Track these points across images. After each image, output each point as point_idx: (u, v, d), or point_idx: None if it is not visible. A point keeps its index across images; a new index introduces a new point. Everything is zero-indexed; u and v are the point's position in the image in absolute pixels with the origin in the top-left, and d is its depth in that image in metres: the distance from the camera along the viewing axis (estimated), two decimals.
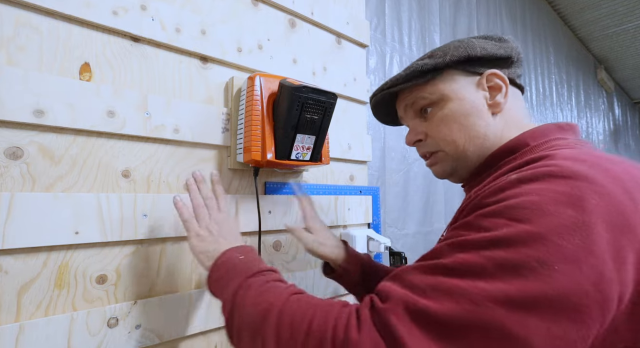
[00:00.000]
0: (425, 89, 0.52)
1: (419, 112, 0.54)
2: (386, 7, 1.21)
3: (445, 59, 0.50)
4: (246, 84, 0.72)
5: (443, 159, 0.53)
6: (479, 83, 0.50)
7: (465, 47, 0.50)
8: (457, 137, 0.50)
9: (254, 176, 0.75)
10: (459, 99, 0.50)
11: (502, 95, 0.50)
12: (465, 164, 0.51)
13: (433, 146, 0.53)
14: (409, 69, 0.52)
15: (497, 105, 0.50)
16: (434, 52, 0.52)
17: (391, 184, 1.17)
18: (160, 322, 0.63)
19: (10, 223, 0.50)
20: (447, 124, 0.51)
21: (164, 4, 0.67)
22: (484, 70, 0.50)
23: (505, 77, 0.50)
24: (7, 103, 0.51)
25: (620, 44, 3.27)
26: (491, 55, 0.50)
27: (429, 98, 0.52)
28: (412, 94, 0.54)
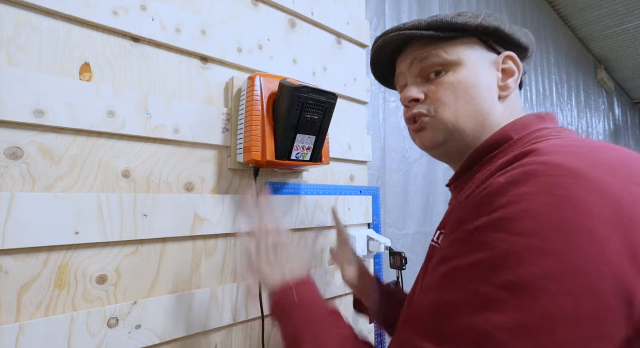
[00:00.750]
0: (444, 46, 0.47)
1: (425, 71, 0.49)
2: (386, 7, 1.21)
3: (477, 21, 0.46)
4: (246, 84, 0.72)
5: (436, 126, 0.48)
6: (495, 61, 0.48)
7: (497, 18, 0.47)
8: (460, 106, 0.46)
9: (254, 176, 0.75)
10: (474, 69, 0.47)
11: (514, 79, 0.47)
12: (459, 138, 0.47)
13: (430, 110, 0.48)
14: (433, 17, 0.47)
15: (507, 88, 0.47)
16: (462, 12, 0.48)
17: (391, 184, 1.17)
18: (160, 322, 0.63)
19: (10, 223, 0.50)
20: (455, 91, 0.46)
21: (164, 4, 0.67)
22: (502, 50, 0.48)
23: (520, 63, 0.48)
24: (7, 103, 0.51)
25: (620, 44, 3.27)
26: (515, 39, 0.48)
27: (445, 58, 0.47)
28: (427, 48, 0.48)
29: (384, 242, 0.94)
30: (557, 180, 0.30)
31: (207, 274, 0.70)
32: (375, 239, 0.95)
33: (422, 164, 1.30)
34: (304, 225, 0.86)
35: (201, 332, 0.68)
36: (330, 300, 0.92)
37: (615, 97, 4.18)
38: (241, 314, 0.74)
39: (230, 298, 0.72)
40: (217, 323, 0.70)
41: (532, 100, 2.28)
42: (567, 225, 0.28)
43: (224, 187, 0.74)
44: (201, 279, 0.70)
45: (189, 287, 0.68)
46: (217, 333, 0.71)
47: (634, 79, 4.15)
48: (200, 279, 0.70)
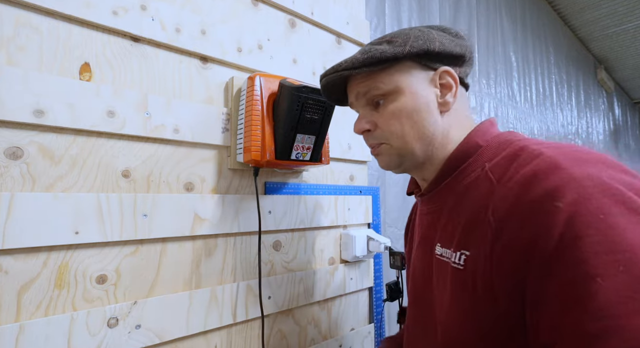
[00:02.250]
0: (381, 77, 0.50)
1: (371, 101, 0.52)
2: (386, 7, 1.21)
3: (405, 48, 0.48)
4: (246, 84, 0.72)
5: (389, 151, 0.52)
6: (432, 79, 0.50)
7: (425, 39, 0.49)
8: (406, 132, 0.50)
9: (254, 176, 0.75)
10: (412, 93, 0.49)
11: (451, 94, 0.50)
12: (412, 158, 0.51)
13: (381, 138, 0.52)
14: (366, 53, 0.49)
15: (446, 104, 0.50)
16: (393, 38, 0.50)
17: (391, 184, 1.17)
18: (160, 322, 0.63)
19: (10, 223, 0.50)
20: (398, 118, 0.50)
21: (164, 4, 0.67)
22: (438, 66, 0.50)
23: (456, 76, 0.50)
24: (7, 103, 0.51)
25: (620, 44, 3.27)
26: (447, 52, 0.49)
27: (383, 88, 0.50)
28: (366, 82, 0.51)
29: (384, 242, 0.94)
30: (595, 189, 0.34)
31: (207, 274, 0.70)
32: (375, 239, 0.95)
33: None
34: (304, 225, 0.86)
35: (201, 332, 0.68)
36: (330, 299, 0.92)
37: (615, 97, 4.18)
38: (241, 314, 0.74)
39: (230, 298, 0.72)
40: (217, 323, 0.70)
41: (532, 100, 2.28)
42: None
43: (224, 187, 0.74)
44: (201, 279, 0.70)
45: (189, 287, 0.68)
46: (217, 333, 0.71)
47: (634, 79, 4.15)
48: (200, 279, 0.70)
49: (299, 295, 0.84)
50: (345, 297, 0.97)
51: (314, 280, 0.88)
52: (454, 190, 0.48)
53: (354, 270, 0.98)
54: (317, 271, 0.89)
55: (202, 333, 0.69)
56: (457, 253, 0.44)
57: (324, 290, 0.90)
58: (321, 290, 0.89)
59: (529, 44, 2.29)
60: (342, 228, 0.97)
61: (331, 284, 0.92)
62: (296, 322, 0.85)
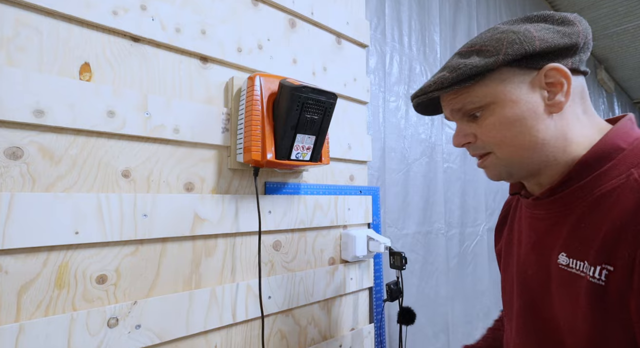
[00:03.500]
0: (474, 91, 0.46)
1: (467, 115, 0.49)
2: (386, 7, 1.21)
3: (499, 58, 0.43)
4: (246, 84, 0.72)
5: (495, 163, 0.49)
6: (536, 80, 0.44)
7: (521, 41, 0.43)
8: (510, 142, 0.45)
9: (254, 176, 0.75)
10: (512, 102, 0.45)
11: (563, 93, 0.44)
12: (523, 167, 0.47)
13: (484, 148, 0.49)
14: (455, 70, 0.46)
15: (558, 104, 0.44)
16: (483, 46, 0.45)
17: (391, 184, 1.17)
18: (160, 322, 0.63)
19: (10, 223, 0.50)
20: (499, 130, 0.46)
21: (164, 4, 0.67)
22: (543, 65, 0.44)
23: (567, 72, 0.43)
24: (7, 103, 0.51)
25: (620, 44, 3.27)
26: (553, 48, 0.43)
27: (478, 102, 0.46)
28: (459, 98, 0.48)
29: (384, 242, 0.94)
30: None
31: (207, 274, 0.70)
32: (375, 239, 0.95)
33: (422, 164, 1.30)
34: (304, 225, 0.86)
35: (201, 332, 0.68)
36: (330, 299, 0.92)
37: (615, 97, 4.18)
38: (241, 314, 0.74)
39: (230, 298, 0.72)
40: (217, 323, 0.70)
41: None
42: None
43: (224, 187, 0.74)
44: (201, 279, 0.70)
45: (189, 287, 0.68)
46: (217, 333, 0.71)
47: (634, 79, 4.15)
48: (200, 279, 0.70)
49: (299, 295, 0.84)
50: (345, 297, 0.97)
51: (314, 280, 0.88)
52: (586, 197, 0.43)
53: (354, 270, 0.98)
54: (317, 271, 0.89)
55: (202, 333, 0.69)
56: (596, 267, 0.40)
57: (324, 290, 0.90)
58: (321, 290, 0.89)
59: None
60: (342, 228, 0.97)
61: (331, 284, 0.92)
62: (296, 322, 0.85)
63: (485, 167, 0.51)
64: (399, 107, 1.25)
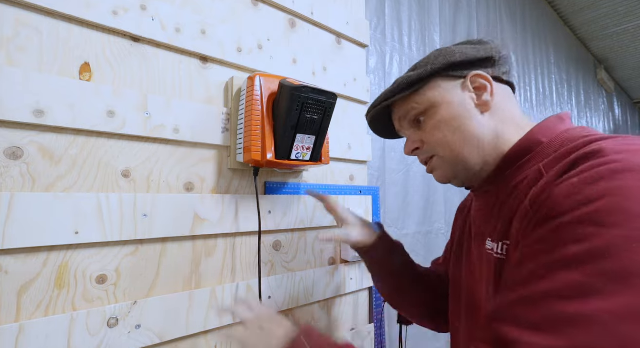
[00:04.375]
0: (414, 99, 0.54)
1: (413, 122, 0.57)
2: (386, 7, 1.21)
3: (427, 68, 0.52)
4: (246, 84, 0.72)
5: (441, 164, 0.55)
6: (464, 86, 0.52)
7: (444, 55, 0.53)
8: (451, 140, 0.52)
9: (254, 176, 0.75)
10: (447, 103, 0.52)
11: (488, 93, 0.51)
12: (465, 166, 0.52)
13: (430, 152, 0.55)
14: (395, 83, 0.55)
15: (485, 103, 0.51)
16: (417, 65, 0.56)
17: (391, 184, 1.17)
18: (160, 322, 0.63)
19: (10, 223, 0.50)
20: (440, 129, 0.52)
21: (164, 4, 0.67)
22: (467, 73, 0.52)
23: (488, 76, 0.51)
24: (7, 103, 0.51)
25: (620, 44, 3.27)
26: (471, 58, 0.52)
27: (418, 107, 0.54)
28: (404, 106, 0.56)
29: None
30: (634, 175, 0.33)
31: (207, 274, 0.70)
32: None
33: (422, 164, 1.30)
34: (304, 225, 0.86)
35: (201, 332, 0.68)
36: (330, 299, 0.92)
37: (615, 97, 4.18)
38: None
39: (231, 298, 0.72)
40: (217, 323, 0.70)
41: (532, 100, 2.27)
42: None
43: (224, 187, 0.74)
44: (201, 279, 0.70)
45: (189, 287, 0.68)
46: (217, 333, 0.71)
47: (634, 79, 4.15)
48: (200, 279, 0.70)
49: (299, 295, 0.84)
50: (345, 297, 0.97)
51: (314, 280, 0.88)
52: (507, 187, 0.49)
53: (354, 270, 0.98)
54: (317, 271, 0.89)
55: (202, 333, 0.69)
56: (499, 243, 0.47)
57: (324, 290, 0.90)
58: (321, 290, 0.89)
59: (529, 44, 2.29)
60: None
61: (331, 284, 0.92)
62: (296, 322, 0.85)
63: (433, 170, 0.57)
64: None
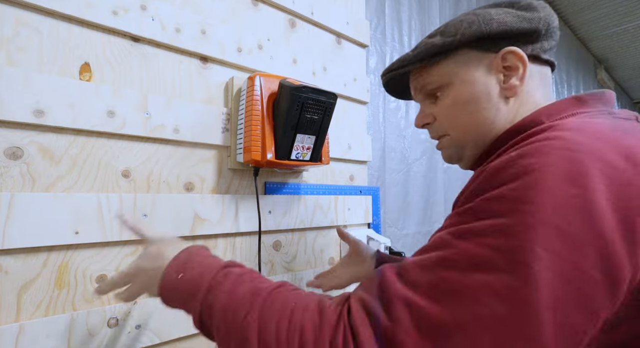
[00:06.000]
0: (434, 71, 0.49)
1: (429, 95, 0.51)
2: (386, 7, 1.21)
3: (456, 38, 0.45)
4: (246, 84, 0.72)
5: (449, 144, 0.51)
6: (494, 63, 0.45)
7: (480, 22, 0.44)
8: (463, 122, 0.47)
9: (254, 176, 0.75)
10: (469, 83, 0.46)
11: (517, 77, 0.44)
12: (472, 150, 0.49)
13: (441, 130, 0.51)
14: (417, 48, 0.49)
15: (512, 88, 0.45)
16: (446, 28, 0.48)
17: (391, 184, 1.17)
18: (160, 322, 0.63)
19: (10, 223, 0.50)
20: (455, 109, 0.48)
21: (164, 4, 0.67)
22: (501, 47, 0.44)
23: (524, 56, 0.44)
24: (7, 103, 0.51)
25: (620, 44, 3.27)
26: (512, 30, 0.44)
27: (437, 82, 0.49)
28: (422, 77, 0.50)
29: (384, 242, 0.94)
30: (564, 153, 0.31)
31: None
32: (375, 239, 0.95)
33: (422, 164, 1.30)
34: (304, 225, 0.86)
35: None
36: None
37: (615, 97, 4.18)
38: None
39: None
40: None
41: None
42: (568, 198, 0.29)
43: (224, 187, 0.74)
44: None
45: None
46: None
47: (634, 79, 4.15)
48: None
49: None
50: None
51: None
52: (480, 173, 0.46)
53: None
54: (317, 271, 0.89)
55: None
56: None
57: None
58: (321, 290, 0.89)
59: None
60: (342, 228, 0.97)
61: None
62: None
63: (442, 148, 0.53)
64: (399, 107, 1.25)
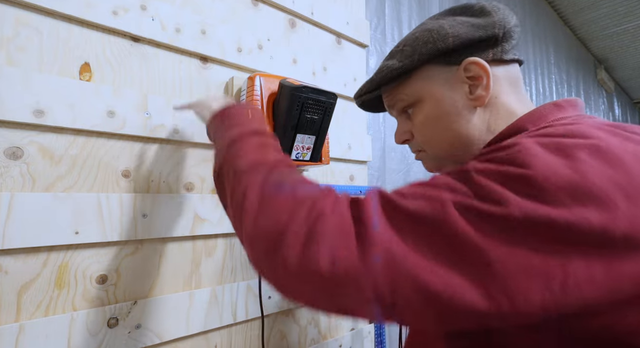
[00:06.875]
0: (402, 90, 0.49)
1: (401, 112, 0.51)
2: (386, 7, 1.21)
3: (414, 58, 0.45)
4: (246, 84, 0.72)
5: (427, 158, 0.52)
6: (457, 75, 0.45)
7: (435, 40, 0.44)
8: (437, 138, 0.48)
9: None
10: (436, 99, 0.46)
11: (482, 87, 0.44)
12: (453, 160, 0.49)
13: (418, 145, 0.52)
14: (380, 72, 0.49)
15: (479, 98, 0.44)
16: (405, 46, 0.47)
17: (391, 184, 1.17)
18: (160, 322, 0.63)
19: (10, 223, 0.50)
20: (427, 126, 0.48)
21: (164, 4, 0.67)
22: (462, 59, 0.44)
23: (485, 65, 0.43)
24: (7, 103, 0.51)
25: (620, 44, 3.27)
26: (467, 42, 0.43)
27: (406, 100, 0.49)
28: (392, 95, 0.51)
29: None
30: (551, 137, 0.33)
31: (207, 274, 0.70)
32: None
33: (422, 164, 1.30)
34: None
35: (201, 332, 0.68)
36: None
37: (615, 97, 4.18)
38: (241, 314, 0.74)
39: (230, 298, 0.72)
40: (217, 323, 0.70)
41: (532, 100, 2.28)
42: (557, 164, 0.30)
43: None
44: (201, 279, 0.70)
45: (189, 287, 0.68)
46: (217, 333, 0.71)
47: (634, 79, 4.15)
48: (200, 279, 0.70)
49: None
50: None
51: None
52: None
53: None
54: None
55: (202, 333, 0.69)
56: None
57: None
58: None
59: (529, 44, 2.29)
60: None
61: None
62: (296, 322, 0.85)
63: (421, 160, 0.54)
64: None
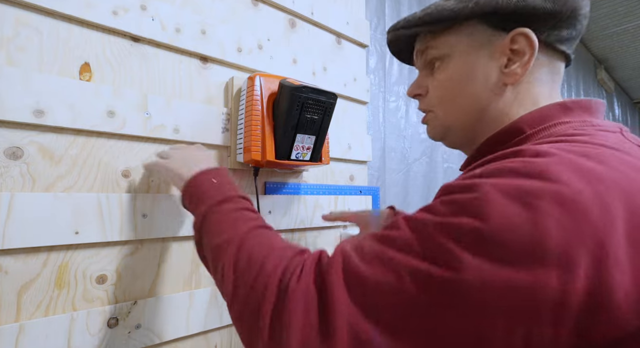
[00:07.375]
0: (439, 37, 0.45)
1: (428, 63, 0.47)
2: (386, 7, 1.21)
3: (469, 4, 0.40)
4: (246, 84, 0.72)
5: (433, 122, 0.49)
6: (502, 43, 0.41)
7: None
8: (453, 103, 0.44)
9: (254, 176, 0.75)
10: (468, 60, 0.42)
11: (520, 64, 0.40)
12: (456, 133, 0.47)
13: (429, 104, 0.48)
14: (427, 9, 0.45)
15: (512, 75, 0.40)
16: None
17: (391, 184, 1.17)
18: (160, 322, 0.63)
19: (10, 223, 0.50)
20: (447, 86, 0.44)
21: (164, 4, 0.67)
22: (513, 27, 0.40)
23: (535, 41, 0.39)
24: (7, 103, 0.51)
25: (620, 44, 3.27)
26: (530, 8, 0.39)
27: (439, 50, 0.45)
28: (426, 40, 0.47)
29: None
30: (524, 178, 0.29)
31: (207, 274, 0.70)
32: None
33: (422, 164, 1.30)
34: (304, 225, 0.86)
35: (201, 332, 0.68)
36: None
37: (615, 97, 4.18)
38: None
39: None
40: (217, 323, 0.70)
41: None
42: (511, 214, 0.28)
43: None
44: (201, 279, 0.70)
45: (189, 287, 0.68)
46: (217, 333, 0.71)
47: (634, 79, 4.15)
48: (200, 279, 0.70)
49: None
50: None
51: None
52: None
53: None
54: None
55: (202, 333, 0.69)
56: None
57: None
58: None
59: None
60: (342, 228, 0.97)
61: None
62: None
63: (426, 123, 0.50)
64: (399, 107, 1.25)
